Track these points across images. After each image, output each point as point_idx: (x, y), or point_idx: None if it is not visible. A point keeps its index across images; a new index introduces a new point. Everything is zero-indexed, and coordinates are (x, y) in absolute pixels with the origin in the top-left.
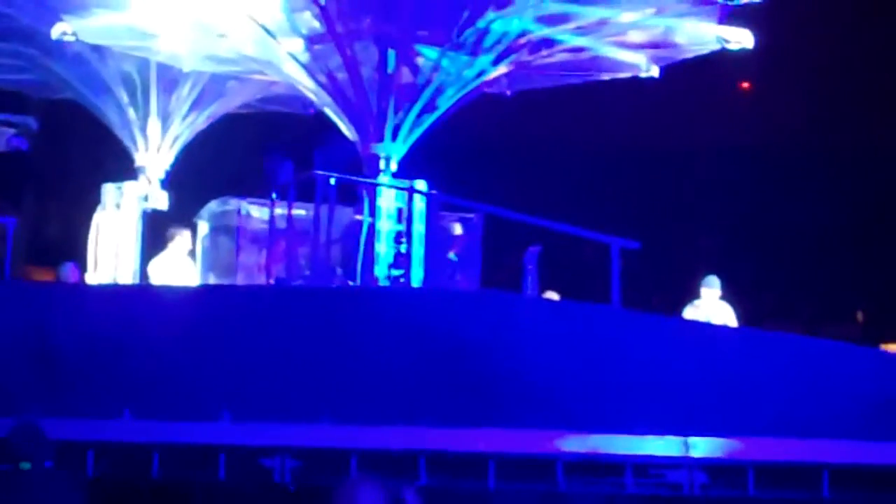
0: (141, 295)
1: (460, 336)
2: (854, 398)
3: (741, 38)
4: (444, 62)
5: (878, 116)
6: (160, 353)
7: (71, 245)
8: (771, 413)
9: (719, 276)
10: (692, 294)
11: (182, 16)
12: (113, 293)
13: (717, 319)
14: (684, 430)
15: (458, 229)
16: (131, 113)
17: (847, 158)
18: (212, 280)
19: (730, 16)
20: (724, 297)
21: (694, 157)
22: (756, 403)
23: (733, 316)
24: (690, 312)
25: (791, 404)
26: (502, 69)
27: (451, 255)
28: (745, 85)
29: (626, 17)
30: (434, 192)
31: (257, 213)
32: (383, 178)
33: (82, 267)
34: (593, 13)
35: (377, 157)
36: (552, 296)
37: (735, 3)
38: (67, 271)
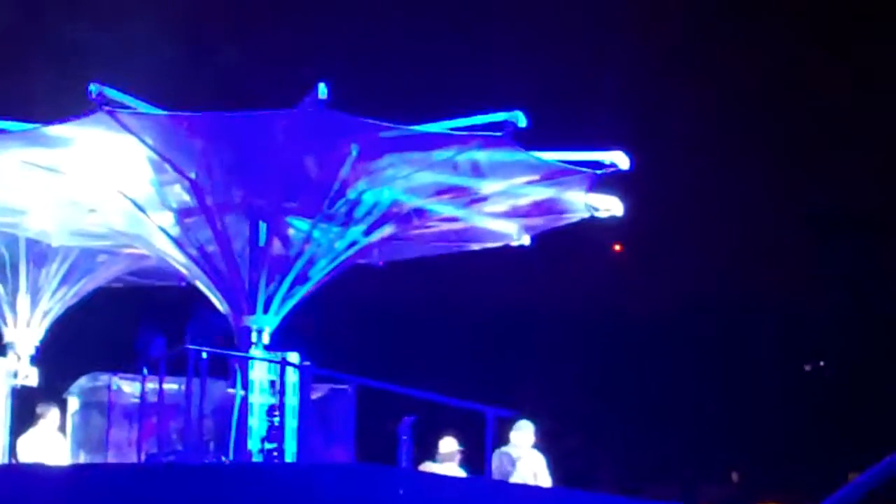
0: (9, 474)
1: None
2: None
3: (611, 206)
4: (316, 233)
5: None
6: None
7: None
8: None
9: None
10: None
11: (51, 191)
12: None
13: (527, 467)
14: None
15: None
16: (0, 289)
17: (724, 320)
18: (82, 457)
19: (600, 184)
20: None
21: (567, 320)
22: None
23: (544, 464)
24: (497, 459)
25: None
26: (374, 239)
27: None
28: (618, 247)
29: (496, 187)
30: (307, 363)
31: (128, 388)
32: (255, 351)
33: None
34: (463, 183)
35: (249, 330)
36: (451, 443)
37: (602, 171)
38: None
